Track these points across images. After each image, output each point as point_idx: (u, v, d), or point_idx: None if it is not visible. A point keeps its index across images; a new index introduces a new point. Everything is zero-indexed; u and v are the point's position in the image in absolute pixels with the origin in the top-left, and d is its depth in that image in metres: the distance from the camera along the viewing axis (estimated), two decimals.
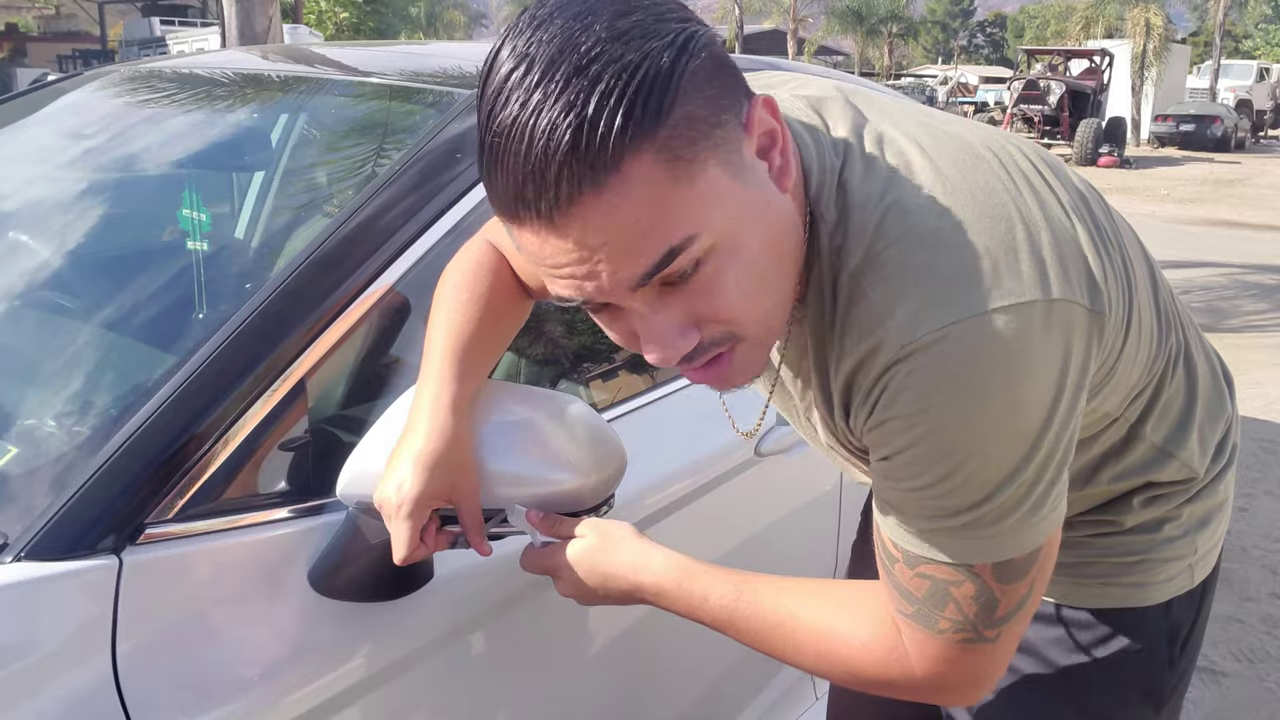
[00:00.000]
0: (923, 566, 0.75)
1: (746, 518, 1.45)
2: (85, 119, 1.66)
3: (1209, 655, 2.51)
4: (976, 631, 0.76)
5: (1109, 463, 0.89)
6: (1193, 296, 6.94)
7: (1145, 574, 0.93)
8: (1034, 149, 0.82)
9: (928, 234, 0.70)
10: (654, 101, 0.59)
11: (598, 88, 0.59)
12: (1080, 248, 0.73)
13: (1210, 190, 14.94)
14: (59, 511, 0.83)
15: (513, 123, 0.60)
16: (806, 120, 0.77)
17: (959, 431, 0.69)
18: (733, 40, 25.58)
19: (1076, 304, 0.70)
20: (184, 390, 0.89)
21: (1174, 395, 0.89)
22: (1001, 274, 0.68)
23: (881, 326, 0.69)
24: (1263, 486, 3.66)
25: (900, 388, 0.69)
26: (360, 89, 1.52)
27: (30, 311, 1.32)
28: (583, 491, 0.90)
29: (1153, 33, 23.96)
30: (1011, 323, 0.67)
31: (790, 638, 0.83)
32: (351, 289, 1.00)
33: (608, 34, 0.60)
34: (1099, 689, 0.96)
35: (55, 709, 0.77)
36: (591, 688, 1.21)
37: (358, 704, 0.93)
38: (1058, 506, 0.75)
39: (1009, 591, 0.75)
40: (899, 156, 0.74)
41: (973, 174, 0.73)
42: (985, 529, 0.72)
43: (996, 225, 0.70)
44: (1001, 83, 32.17)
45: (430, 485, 0.83)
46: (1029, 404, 0.69)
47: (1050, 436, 0.71)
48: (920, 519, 0.74)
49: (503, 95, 0.61)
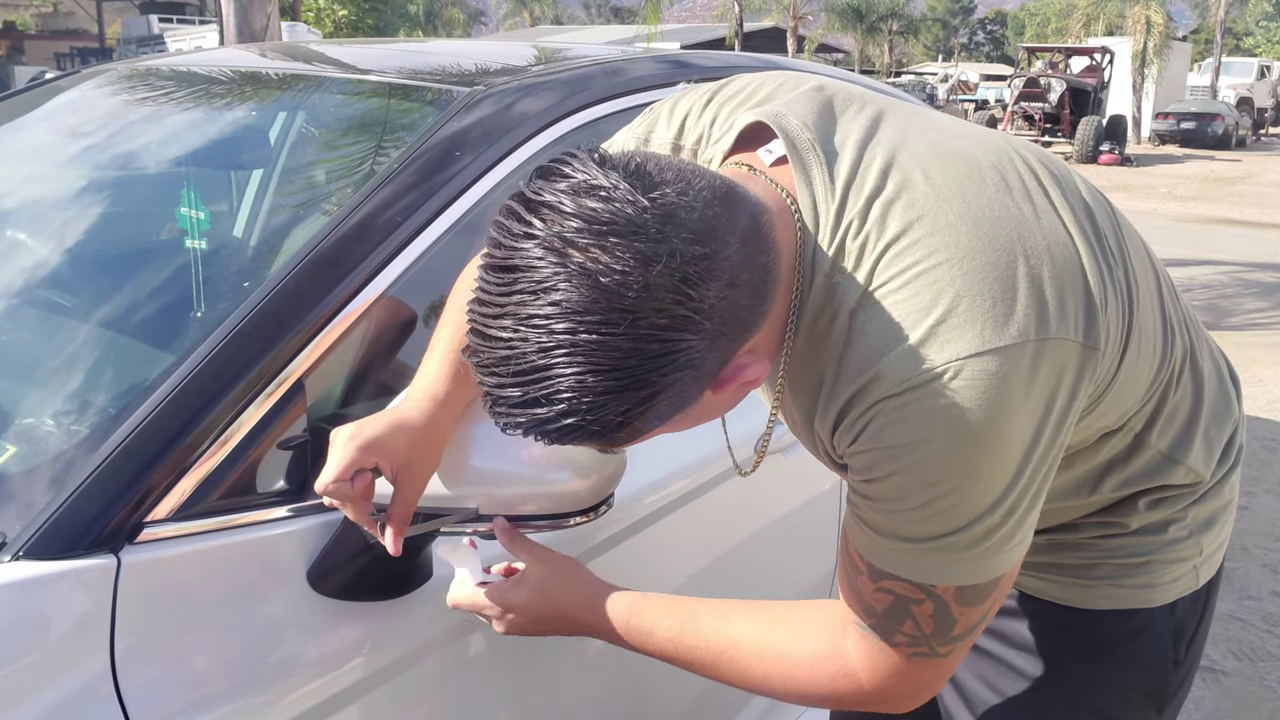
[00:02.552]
0: (886, 582, 0.76)
1: (746, 517, 1.44)
2: (83, 117, 1.66)
3: (1209, 654, 2.51)
4: (930, 647, 0.77)
5: (1114, 470, 0.89)
6: (1194, 294, 6.93)
7: (1150, 575, 0.92)
8: (1040, 160, 0.82)
9: (925, 274, 0.71)
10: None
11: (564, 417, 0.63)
12: (1082, 272, 0.74)
13: (1211, 188, 14.93)
14: (57, 510, 0.82)
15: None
16: (806, 154, 0.76)
17: (943, 466, 0.71)
18: (732, 38, 25.54)
19: (1070, 341, 0.72)
20: (182, 389, 0.89)
21: (1180, 401, 0.89)
22: (998, 315, 0.70)
23: (877, 363, 0.71)
24: (1263, 485, 3.66)
25: (888, 421, 0.71)
26: (359, 87, 1.52)
27: (28, 310, 1.32)
28: (581, 491, 0.90)
29: (1153, 30, 23.94)
30: (1004, 365, 0.69)
31: (736, 664, 0.85)
32: (350, 287, 1.00)
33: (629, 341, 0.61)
34: (1103, 690, 0.96)
35: (54, 708, 0.77)
36: (591, 687, 1.21)
37: (358, 704, 0.93)
38: (1026, 538, 0.76)
39: (968, 614, 0.76)
40: (902, 186, 0.74)
41: (976, 202, 0.74)
42: (955, 553, 0.74)
43: (997, 259, 0.71)
44: (1002, 80, 32.17)
45: (388, 439, 0.83)
46: (1014, 442, 0.71)
47: (1030, 470, 0.73)
48: (891, 537, 0.75)
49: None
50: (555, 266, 0.60)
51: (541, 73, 1.35)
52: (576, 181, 0.62)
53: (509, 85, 1.26)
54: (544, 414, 0.62)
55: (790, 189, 0.75)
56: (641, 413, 0.63)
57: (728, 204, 0.66)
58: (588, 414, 0.62)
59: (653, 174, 0.63)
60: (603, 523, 1.03)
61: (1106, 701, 0.96)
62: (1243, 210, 12.40)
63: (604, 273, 0.59)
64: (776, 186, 0.75)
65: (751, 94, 0.87)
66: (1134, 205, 12.21)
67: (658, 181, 0.63)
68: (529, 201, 0.62)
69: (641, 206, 0.61)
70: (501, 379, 0.62)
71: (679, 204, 0.62)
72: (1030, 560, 0.96)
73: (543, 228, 0.61)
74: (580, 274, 0.59)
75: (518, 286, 0.61)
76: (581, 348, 0.60)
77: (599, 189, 0.61)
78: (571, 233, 0.60)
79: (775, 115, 0.79)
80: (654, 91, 1.35)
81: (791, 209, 0.74)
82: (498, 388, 0.63)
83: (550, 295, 0.60)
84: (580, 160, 0.63)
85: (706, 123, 0.87)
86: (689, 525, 1.30)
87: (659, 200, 0.61)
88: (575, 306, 0.59)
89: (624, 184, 0.61)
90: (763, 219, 0.69)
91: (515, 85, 1.26)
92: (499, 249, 0.62)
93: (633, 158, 0.64)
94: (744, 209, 0.67)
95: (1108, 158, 18.44)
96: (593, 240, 0.60)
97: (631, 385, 0.61)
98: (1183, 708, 2.28)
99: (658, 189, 0.62)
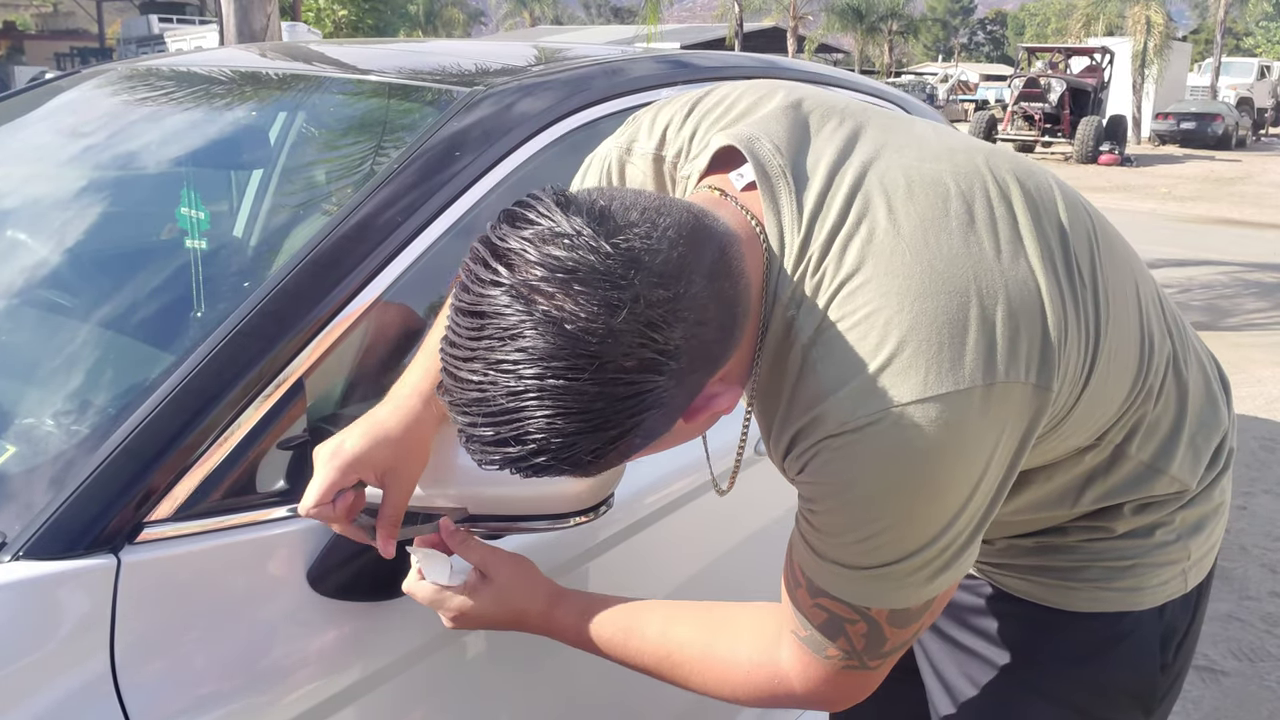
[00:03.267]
0: (823, 599, 0.78)
1: (746, 517, 1.44)
2: (83, 117, 1.66)
3: (1209, 654, 2.51)
4: (861, 661, 0.79)
5: (1095, 482, 0.90)
6: (1194, 294, 6.92)
7: (1138, 578, 0.93)
8: (1019, 181, 0.81)
9: (873, 315, 0.71)
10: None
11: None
12: (1041, 310, 0.74)
13: (1211, 188, 14.93)
14: (58, 510, 0.82)
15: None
16: (776, 181, 0.76)
17: (881, 506, 0.72)
18: (732, 38, 25.53)
19: (1020, 384, 0.72)
20: (183, 389, 0.89)
21: (1162, 413, 0.89)
22: (943, 360, 0.70)
23: (823, 402, 0.72)
24: (1262, 485, 3.65)
25: (829, 460, 0.72)
26: (359, 87, 1.51)
27: (29, 310, 1.32)
28: (580, 491, 0.90)
29: (1153, 30, 23.94)
30: (945, 411, 0.69)
31: (678, 669, 0.87)
32: (350, 287, 1.00)
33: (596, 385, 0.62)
34: (1090, 691, 0.96)
35: (54, 708, 0.77)
36: (591, 686, 1.21)
37: (357, 704, 0.93)
38: (965, 564, 0.77)
39: (899, 634, 0.78)
40: (863, 217, 0.74)
41: (936, 240, 0.74)
42: (891, 581, 0.75)
43: (950, 301, 0.71)
44: (1002, 80, 32.18)
45: (369, 453, 0.84)
46: (953, 486, 0.72)
47: (970, 508, 0.74)
48: (831, 562, 0.76)
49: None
50: (522, 314, 0.61)
51: (541, 73, 1.34)
52: (541, 229, 0.63)
53: (509, 85, 1.26)
54: (516, 452, 0.63)
55: (759, 216, 0.76)
56: (613, 449, 0.65)
57: (694, 240, 0.66)
58: (559, 453, 0.63)
59: (617, 216, 0.64)
60: (603, 523, 1.03)
61: (1094, 703, 0.97)
62: (1242, 210, 12.40)
63: (569, 319, 0.60)
64: (746, 214, 0.76)
65: (730, 108, 0.87)
66: (1134, 205, 12.22)
67: (622, 225, 0.63)
68: (495, 248, 0.63)
69: (605, 253, 0.61)
70: (474, 419, 0.63)
71: (643, 248, 0.63)
72: (1018, 563, 0.97)
73: (508, 275, 0.62)
74: (545, 321, 0.60)
75: (486, 332, 0.62)
76: (549, 392, 0.61)
77: (562, 236, 0.62)
78: (537, 280, 0.61)
79: (747, 139, 0.79)
80: (654, 91, 1.35)
81: (760, 237, 0.75)
82: (470, 426, 0.64)
83: (517, 342, 0.61)
84: (544, 205, 0.64)
85: (686, 137, 0.87)
86: (689, 526, 1.30)
87: (622, 245, 0.62)
88: (542, 353, 0.60)
89: (587, 230, 0.62)
90: (731, 249, 0.70)
91: (515, 85, 1.26)
92: (467, 294, 0.64)
93: (597, 200, 0.65)
94: (712, 241, 0.68)
95: (1108, 158, 18.44)
96: (557, 288, 0.61)
97: (601, 426, 0.63)
98: (1183, 708, 2.28)
99: (621, 233, 0.63)
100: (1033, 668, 0.98)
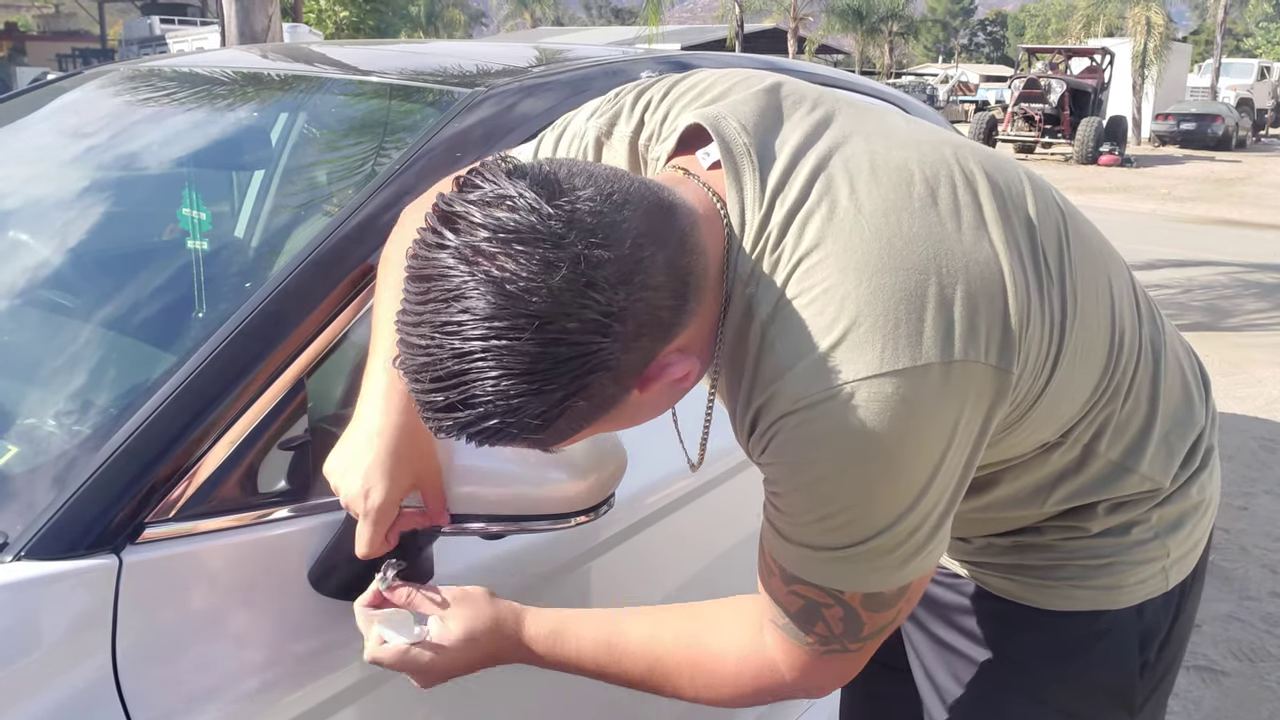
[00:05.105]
0: (797, 585, 0.78)
1: (747, 517, 1.44)
2: (85, 118, 1.66)
3: (1209, 655, 2.51)
4: (843, 645, 0.79)
5: (1065, 481, 0.89)
6: (1193, 295, 6.92)
7: (1115, 577, 0.92)
8: (987, 171, 0.80)
9: (829, 291, 0.71)
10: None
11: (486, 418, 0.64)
12: (1003, 292, 0.73)
13: (1211, 189, 14.93)
14: (59, 510, 0.83)
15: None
16: (740, 159, 0.76)
17: (840, 484, 0.72)
18: (732, 39, 25.55)
19: (979, 364, 0.71)
20: (184, 389, 0.89)
21: (1132, 410, 0.89)
22: (899, 337, 0.69)
23: (781, 379, 0.71)
24: (1262, 485, 3.65)
25: (789, 439, 0.72)
26: (360, 88, 1.52)
27: (30, 310, 1.32)
28: (579, 491, 0.90)
29: (1153, 31, 23.94)
30: (902, 387, 0.69)
31: (669, 675, 0.86)
32: (351, 287, 1.00)
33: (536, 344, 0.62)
34: (1070, 690, 0.96)
35: (55, 708, 0.77)
36: (591, 686, 1.21)
37: (358, 704, 0.94)
38: (936, 550, 0.77)
39: (875, 618, 0.78)
40: (824, 196, 0.74)
41: (897, 218, 0.73)
42: (859, 563, 0.75)
43: (909, 278, 0.71)
44: (1002, 81, 32.19)
45: (396, 489, 0.84)
46: (913, 464, 0.71)
47: (934, 490, 0.73)
48: (799, 545, 0.76)
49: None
50: (465, 275, 0.61)
51: (543, 74, 1.35)
52: (485, 192, 0.64)
53: (510, 86, 1.26)
54: (465, 417, 0.64)
55: (722, 194, 0.76)
56: (559, 414, 0.65)
57: (646, 209, 0.66)
58: (506, 416, 0.63)
59: (562, 181, 0.64)
60: (603, 523, 1.03)
61: (1075, 702, 0.97)
62: (1242, 211, 12.40)
63: (510, 280, 0.61)
64: (708, 191, 0.76)
65: (704, 91, 0.86)
66: (1133, 206, 12.22)
67: (566, 189, 0.64)
68: (443, 214, 0.64)
69: (545, 214, 0.62)
70: (424, 385, 0.64)
71: (586, 210, 0.63)
72: (997, 561, 0.97)
73: (454, 238, 0.62)
74: (487, 281, 0.61)
75: (431, 295, 0.62)
76: (493, 353, 0.61)
77: (506, 198, 0.63)
78: (480, 241, 0.62)
79: (714, 118, 0.78)
80: None
81: (722, 214, 0.75)
82: (422, 393, 0.64)
83: (461, 303, 0.61)
84: (490, 171, 0.65)
85: (658, 120, 0.87)
86: (689, 526, 1.30)
87: (565, 207, 0.63)
88: (484, 313, 0.61)
89: (529, 193, 0.63)
90: (688, 223, 0.70)
91: (516, 86, 1.26)
92: (416, 259, 0.64)
93: (543, 166, 0.66)
94: (666, 213, 0.68)
95: (1108, 159, 18.44)
96: (499, 248, 0.61)
97: (545, 388, 0.63)
98: (1183, 708, 2.28)
99: (564, 195, 0.63)
100: (1014, 666, 0.98)
